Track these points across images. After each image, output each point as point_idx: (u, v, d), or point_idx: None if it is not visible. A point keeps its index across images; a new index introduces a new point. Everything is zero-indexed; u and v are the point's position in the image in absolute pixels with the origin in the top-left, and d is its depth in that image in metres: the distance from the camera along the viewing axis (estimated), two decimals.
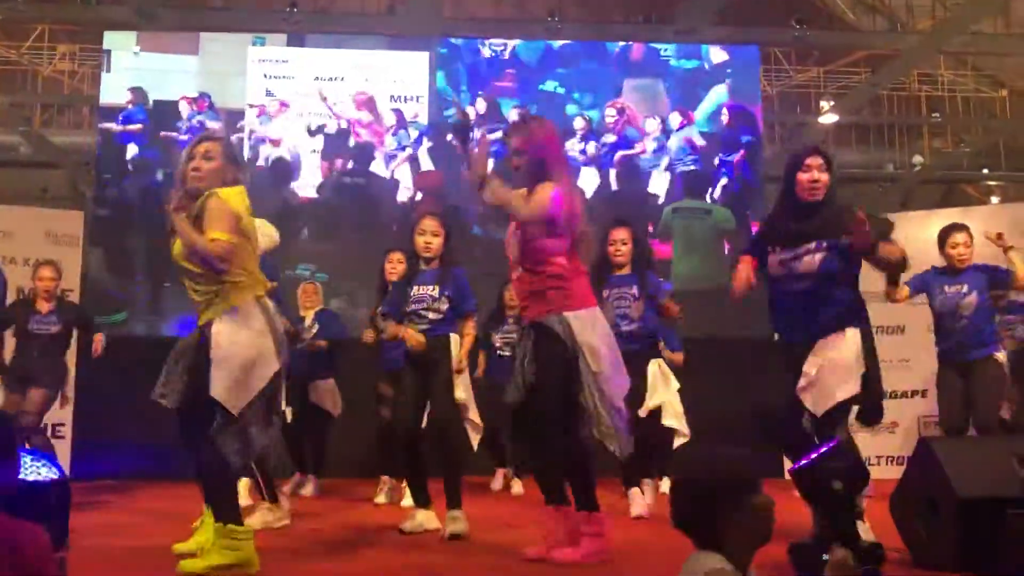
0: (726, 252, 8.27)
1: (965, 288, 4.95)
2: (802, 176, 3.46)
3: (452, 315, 4.37)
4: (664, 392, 5.07)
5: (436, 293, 4.36)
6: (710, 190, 8.54)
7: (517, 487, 6.26)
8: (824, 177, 3.45)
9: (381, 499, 5.64)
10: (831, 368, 3.32)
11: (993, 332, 5.05)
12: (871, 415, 3.42)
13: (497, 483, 6.56)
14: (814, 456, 2.99)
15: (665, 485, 5.46)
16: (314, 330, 6.11)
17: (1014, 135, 13.34)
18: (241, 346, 3.13)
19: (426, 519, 4.29)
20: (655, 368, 5.04)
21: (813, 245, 3.41)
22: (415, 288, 4.40)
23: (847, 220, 3.30)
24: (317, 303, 6.39)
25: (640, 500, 4.74)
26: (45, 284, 5.80)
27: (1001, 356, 4.99)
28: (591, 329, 3.47)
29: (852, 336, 3.36)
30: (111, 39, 8.49)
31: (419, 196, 8.28)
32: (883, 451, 6.94)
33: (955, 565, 2.93)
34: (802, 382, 3.37)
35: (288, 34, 8.76)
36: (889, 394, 5.78)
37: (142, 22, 8.71)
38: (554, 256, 3.50)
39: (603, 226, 4.80)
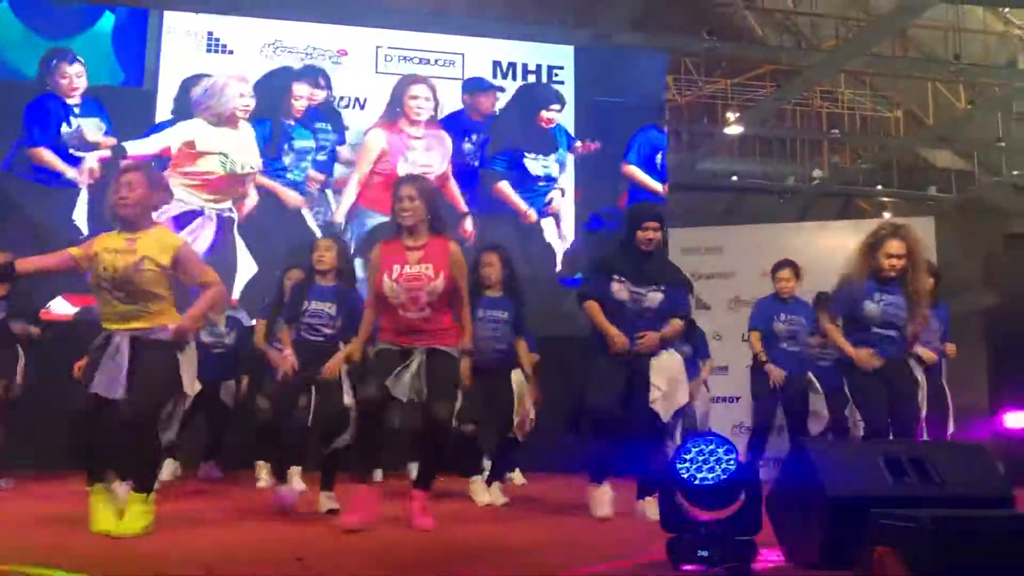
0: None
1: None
2: (641, 234, 4.39)
3: (344, 330, 4.62)
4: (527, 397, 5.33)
5: (333, 311, 4.67)
6: None
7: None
8: (657, 236, 4.40)
9: (261, 483, 6.03)
10: (673, 383, 4.28)
11: None
12: None
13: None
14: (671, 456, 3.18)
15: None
16: (231, 334, 6.59)
17: (906, 154, 13.95)
18: (193, 349, 3.74)
19: (326, 499, 4.52)
20: (519, 376, 5.26)
21: (655, 286, 4.39)
22: (312, 302, 4.69)
23: (670, 273, 4.48)
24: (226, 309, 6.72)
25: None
26: None
27: None
28: None
29: (676, 356, 4.43)
30: None
31: None
32: None
33: (824, 562, 3.04)
34: (655, 394, 4.27)
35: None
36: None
37: None
38: None
39: (476, 249, 5.36)
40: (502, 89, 8.77)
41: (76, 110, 7.89)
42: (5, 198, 7.66)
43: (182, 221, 7.72)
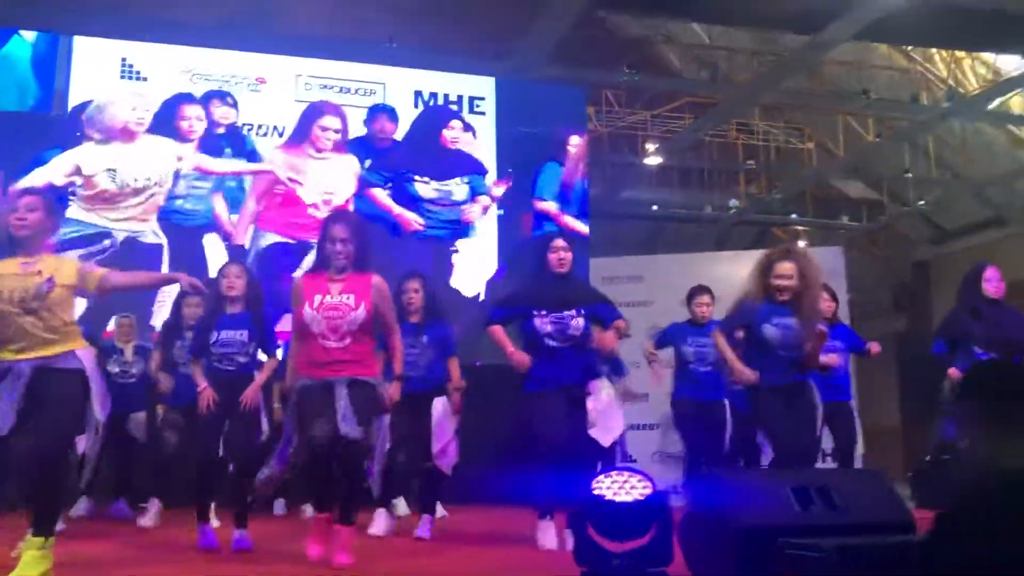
0: None
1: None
2: (552, 256, 4.40)
3: (257, 356, 4.59)
4: (449, 427, 5.27)
5: (245, 338, 4.57)
6: None
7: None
8: (569, 255, 4.41)
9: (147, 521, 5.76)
10: (607, 411, 4.36)
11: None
12: None
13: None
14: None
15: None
16: (140, 364, 6.32)
17: (819, 184, 14.40)
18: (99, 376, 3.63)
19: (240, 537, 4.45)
20: (440, 406, 5.23)
21: (574, 312, 4.35)
22: (223, 332, 4.57)
23: (589, 292, 4.50)
24: (134, 337, 6.49)
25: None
26: None
27: None
28: None
29: (608, 384, 4.51)
30: None
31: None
32: None
33: None
34: (592, 419, 4.29)
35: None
36: (630, 427, 6.59)
37: None
38: None
39: (398, 277, 5.27)
40: (394, 113, 8.67)
41: None
42: None
43: (86, 243, 7.49)
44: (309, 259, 7.71)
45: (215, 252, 7.87)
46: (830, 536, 2.91)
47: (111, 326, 6.68)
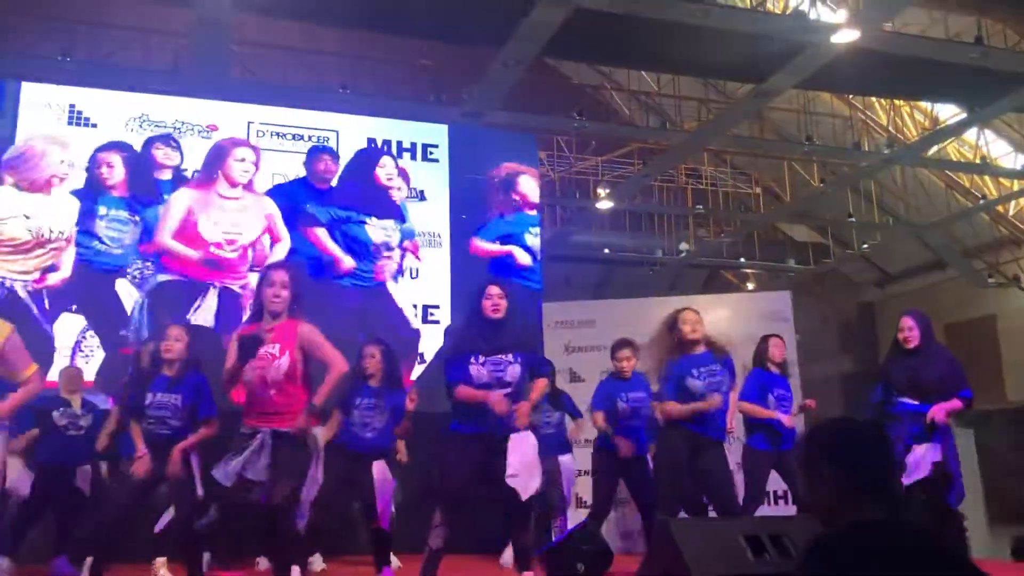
0: None
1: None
2: (486, 303, 4.30)
3: (191, 419, 4.57)
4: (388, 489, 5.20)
5: (179, 402, 4.54)
6: None
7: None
8: (503, 302, 4.31)
9: None
10: (529, 466, 4.14)
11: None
12: None
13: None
14: (563, 538, 3.17)
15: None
16: (87, 416, 6.10)
17: (766, 228, 14.70)
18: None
19: None
20: (378, 469, 5.12)
21: (510, 357, 4.25)
22: (157, 394, 4.57)
23: (522, 335, 4.42)
24: (79, 387, 6.30)
25: None
26: None
27: None
28: None
29: (531, 437, 4.24)
30: None
31: None
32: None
33: None
34: (511, 471, 4.10)
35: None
36: (581, 472, 6.55)
37: None
38: None
39: (359, 343, 5.31)
40: (335, 154, 8.59)
41: None
42: None
43: None
44: (211, 301, 7.64)
45: (127, 295, 7.71)
46: None
47: (53, 375, 6.49)
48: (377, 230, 8.43)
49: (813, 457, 1.86)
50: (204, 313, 7.70)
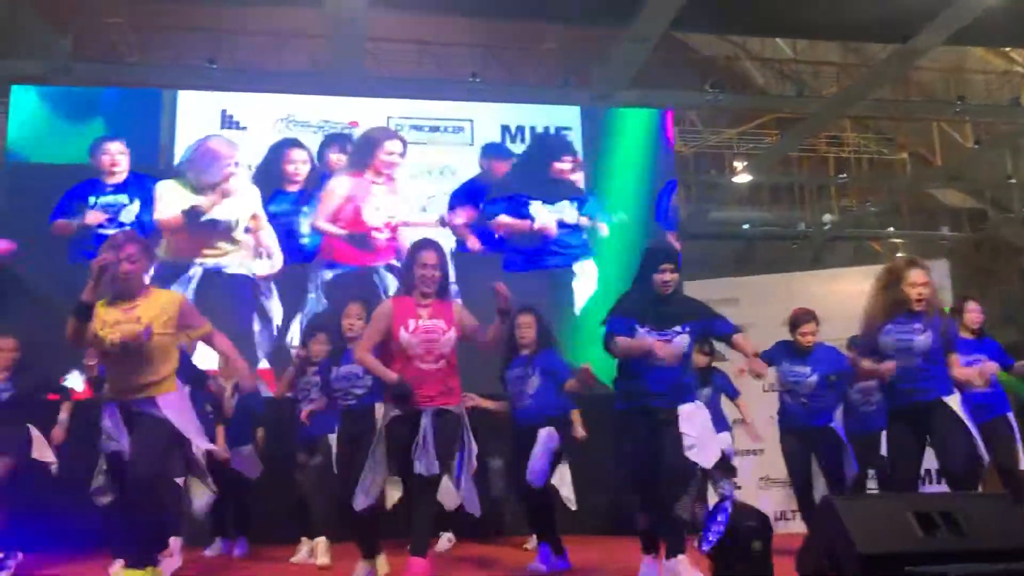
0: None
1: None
2: (658, 277, 4.18)
3: (376, 387, 4.58)
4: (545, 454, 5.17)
5: (360, 371, 4.64)
6: None
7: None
8: (675, 277, 4.21)
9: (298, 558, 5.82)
10: (704, 433, 4.09)
11: None
12: None
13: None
14: (723, 529, 3.17)
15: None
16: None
17: (915, 194, 13.99)
18: None
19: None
20: (544, 435, 5.14)
21: (679, 328, 4.15)
22: (342, 367, 4.79)
23: (693, 306, 4.27)
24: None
25: None
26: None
27: None
28: None
29: (703, 408, 4.22)
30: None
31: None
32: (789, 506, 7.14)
33: None
34: (688, 442, 4.02)
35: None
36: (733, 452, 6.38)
37: (53, 76, 8.60)
38: None
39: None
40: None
41: (109, 188, 8.05)
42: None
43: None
44: (392, 282, 7.90)
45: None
46: (956, 563, 2.83)
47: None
48: (552, 212, 8.59)
49: None
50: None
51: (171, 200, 8.08)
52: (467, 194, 8.63)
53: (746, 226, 13.42)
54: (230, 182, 8.15)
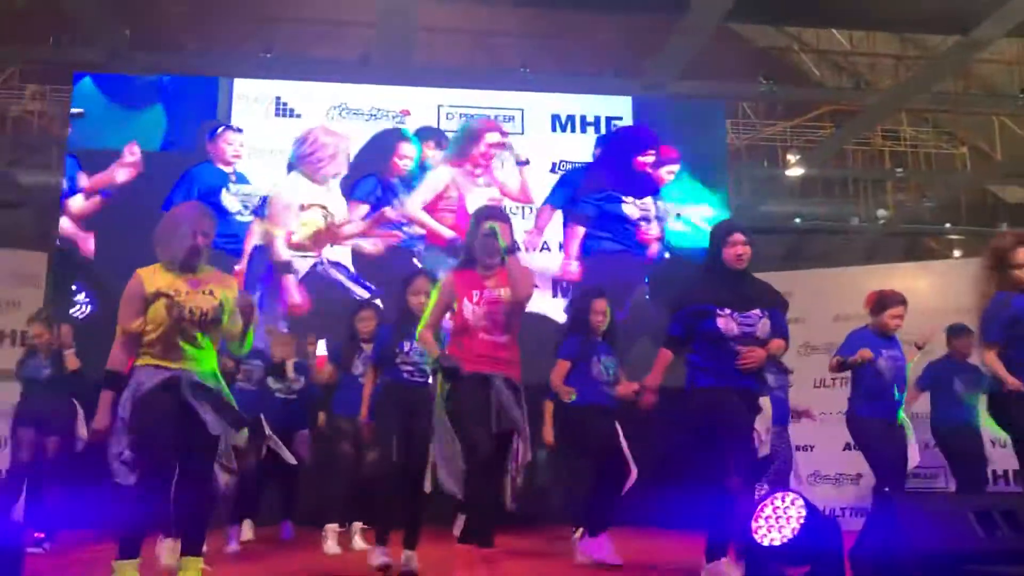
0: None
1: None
2: (729, 251, 3.97)
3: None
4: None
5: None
6: None
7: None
8: (747, 249, 3.98)
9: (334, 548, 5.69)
10: (768, 430, 4.20)
11: None
12: None
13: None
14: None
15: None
16: (300, 381, 6.29)
17: (974, 190, 13.66)
18: None
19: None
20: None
21: (759, 311, 3.95)
22: (410, 343, 4.67)
23: (768, 290, 4.03)
24: (291, 354, 6.40)
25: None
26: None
27: None
28: None
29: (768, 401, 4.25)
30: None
31: None
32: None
33: None
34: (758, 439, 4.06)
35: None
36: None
37: (113, 64, 8.77)
38: None
39: (585, 295, 5.31)
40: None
41: (232, 177, 8.29)
42: None
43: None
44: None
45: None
46: (1017, 563, 2.77)
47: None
48: (640, 208, 8.64)
49: None
50: None
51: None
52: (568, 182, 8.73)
53: (798, 220, 13.22)
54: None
